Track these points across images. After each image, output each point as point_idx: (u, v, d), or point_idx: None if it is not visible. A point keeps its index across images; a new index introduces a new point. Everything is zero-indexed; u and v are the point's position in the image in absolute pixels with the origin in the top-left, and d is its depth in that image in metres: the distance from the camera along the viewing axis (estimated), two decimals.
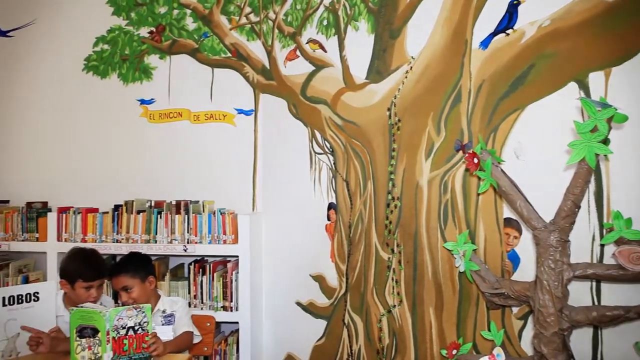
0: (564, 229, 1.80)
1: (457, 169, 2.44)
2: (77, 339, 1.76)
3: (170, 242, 2.62)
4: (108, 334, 1.73)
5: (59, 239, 2.73)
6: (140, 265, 2.15)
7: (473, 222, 2.41)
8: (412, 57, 2.55)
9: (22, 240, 2.78)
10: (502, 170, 1.98)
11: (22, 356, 1.83)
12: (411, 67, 2.54)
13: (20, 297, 1.86)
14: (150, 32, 2.96)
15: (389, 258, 2.58)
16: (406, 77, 2.56)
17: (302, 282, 2.73)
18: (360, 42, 2.66)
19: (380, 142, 2.60)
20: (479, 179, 2.17)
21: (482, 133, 2.37)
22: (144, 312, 1.83)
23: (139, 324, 1.81)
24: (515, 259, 2.31)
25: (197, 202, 2.70)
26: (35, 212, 2.79)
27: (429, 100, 2.49)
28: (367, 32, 2.66)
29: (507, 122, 2.33)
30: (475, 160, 2.02)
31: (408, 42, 2.56)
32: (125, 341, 1.77)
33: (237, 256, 2.59)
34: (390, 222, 2.57)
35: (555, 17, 2.23)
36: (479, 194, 2.38)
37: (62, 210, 2.75)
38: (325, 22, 2.74)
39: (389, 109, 2.59)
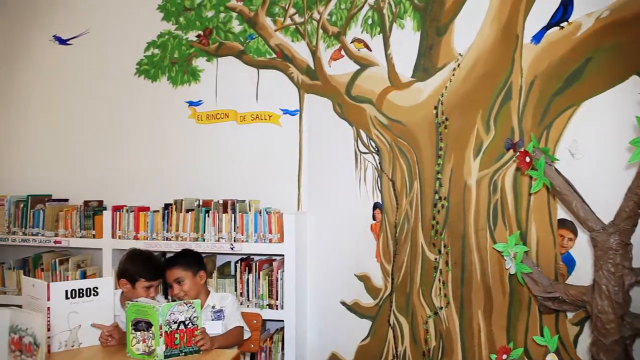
0: (624, 231, 1.71)
1: (507, 168, 2.37)
2: (133, 331, 1.84)
3: (218, 241, 2.67)
4: (161, 328, 1.80)
5: (113, 236, 2.83)
6: (192, 260, 2.24)
7: (524, 223, 2.33)
8: (459, 54, 2.49)
9: (80, 237, 2.90)
10: (556, 169, 1.91)
11: (83, 347, 1.93)
12: (459, 65, 2.49)
13: (81, 291, 1.94)
14: (198, 36, 3.04)
15: (435, 259, 2.53)
16: (453, 75, 2.50)
17: (347, 281, 2.73)
18: (405, 40, 2.63)
19: (427, 141, 2.56)
20: (531, 178, 2.10)
21: (535, 131, 2.29)
22: (194, 307, 1.89)
23: (189, 318, 1.87)
24: (570, 262, 2.21)
25: (243, 201, 2.75)
26: (92, 211, 2.91)
27: (478, 98, 2.43)
28: (413, 30, 2.62)
29: (561, 119, 2.24)
30: (527, 159, 1.95)
31: (455, 38, 2.51)
32: (177, 335, 1.83)
33: (283, 255, 2.62)
34: (437, 223, 2.53)
35: (616, 7, 2.12)
36: (530, 194, 2.30)
37: (116, 209, 2.85)
38: (370, 21, 2.72)
39: (435, 107, 2.54)
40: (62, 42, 3.26)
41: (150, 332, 1.81)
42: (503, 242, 2.15)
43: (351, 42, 2.76)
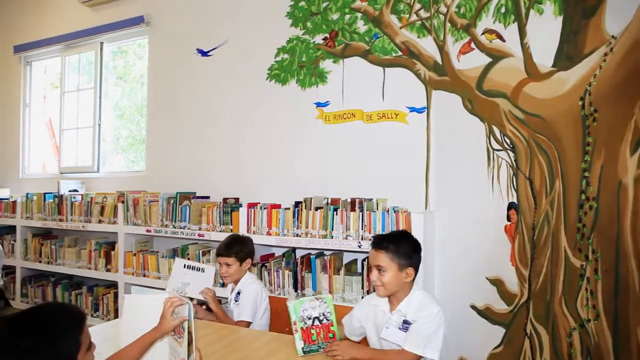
0: None
1: None
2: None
3: (345, 238, 2.71)
4: (295, 324, 1.83)
5: (248, 230, 3.02)
6: (407, 248, 1.89)
7: None
8: (612, 36, 2.23)
9: (220, 231, 3.16)
10: None
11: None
12: (611, 49, 2.22)
13: (194, 267, 2.51)
14: (324, 39, 3.13)
15: (582, 265, 2.30)
16: (604, 61, 2.25)
17: (477, 284, 2.60)
18: (545, 26, 2.43)
19: (571, 135, 2.33)
20: None
21: None
22: (325, 302, 1.88)
23: (323, 314, 1.87)
24: None
25: (370, 199, 2.76)
26: (230, 207, 3.15)
27: (636, 86, 2.15)
28: (554, 15, 2.41)
29: None
30: None
31: (607, 19, 2.25)
32: (313, 331, 1.84)
33: None
34: (584, 225, 2.29)
35: None
36: None
37: (251, 206, 3.04)
38: (502, 10, 2.56)
39: (582, 99, 2.31)
40: (204, 54, 3.60)
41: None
42: None
43: (482, 34, 2.63)
